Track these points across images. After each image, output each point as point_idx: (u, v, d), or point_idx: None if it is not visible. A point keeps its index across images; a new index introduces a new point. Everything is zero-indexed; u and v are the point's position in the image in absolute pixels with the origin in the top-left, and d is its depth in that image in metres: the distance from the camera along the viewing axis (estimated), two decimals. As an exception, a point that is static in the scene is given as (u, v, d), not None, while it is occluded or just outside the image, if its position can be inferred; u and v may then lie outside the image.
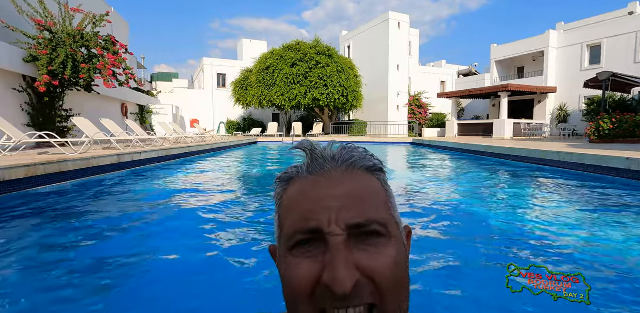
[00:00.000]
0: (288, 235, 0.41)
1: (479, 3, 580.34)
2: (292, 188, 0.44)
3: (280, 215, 0.44)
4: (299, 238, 0.39)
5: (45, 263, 2.27)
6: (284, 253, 0.41)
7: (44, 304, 1.74)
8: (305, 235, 0.39)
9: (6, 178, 3.97)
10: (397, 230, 0.42)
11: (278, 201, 0.46)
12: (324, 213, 0.39)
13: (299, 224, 0.40)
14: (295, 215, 0.41)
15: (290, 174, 0.46)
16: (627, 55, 16.34)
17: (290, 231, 0.40)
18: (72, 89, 8.83)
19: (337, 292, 0.34)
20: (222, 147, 12.54)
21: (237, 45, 29.99)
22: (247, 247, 2.60)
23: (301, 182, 0.43)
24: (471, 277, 2.09)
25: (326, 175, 0.42)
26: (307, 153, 0.45)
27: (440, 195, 4.65)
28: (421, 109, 24.10)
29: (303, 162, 0.46)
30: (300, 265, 0.38)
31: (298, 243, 0.40)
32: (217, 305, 1.80)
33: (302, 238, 0.39)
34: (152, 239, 2.79)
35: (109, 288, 1.95)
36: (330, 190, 0.41)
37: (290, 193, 0.44)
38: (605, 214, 3.44)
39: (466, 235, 2.88)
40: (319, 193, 0.41)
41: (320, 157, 0.44)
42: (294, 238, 0.40)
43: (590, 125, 11.20)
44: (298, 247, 0.40)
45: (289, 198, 0.43)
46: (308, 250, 0.39)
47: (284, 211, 0.43)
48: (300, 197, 0.42)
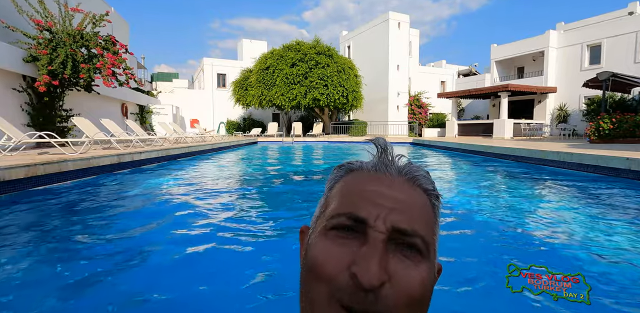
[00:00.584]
0: (332, 214, 0.40)
1: (479, 3, 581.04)
2: (351, 177, 0.44)
3: (327, 197, 0.45)
4: (341, 221, 0.39)
5: (45, 263, 2.27)
6: (319, 232, 0.41)
7: (44, 303, 1.74)
8: (348, 220, 0.39)
9: (6, 178, 3.97)
10: (434, 256, 0.41)
11: (331, 185, 0.46)
12: (375, 208, 0.39)
13: (347, 208, 0.40)
14: (347, 199, 0.41)
15: (353, 165, 0.46)
16: (627, 55, 16.34)
17: (335, 211, 0.40)
18: (72, 88, 8.83)
19: (364, 283, 0.34)
20: (222, 147, 12.54)
21: (237, 45, 30.00)
22: (248, 247, 2.60)
23: (362, 174, 0.44)
24: (471, 277, 2.09)
25: (389, 177, 0.43)
26: (378, 149, 0.46)
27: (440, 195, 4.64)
28: (421, 109, 24.10)
29: (370, 160, 0.46)
30: (333, 248, 0.38)
31: (338, 225, 0.39)
32: (218, 305, 1.80)
33: (345, 223, 0.39)
34: (152, 239, 2.79)
35: (108, 288, 1.95)
36: (388, 191, 0.41)
37: (347, 181, 0.44)
38: (605, 214, 3.44)
39: (466, 235, 2.88)
40: (377, 189, 0.41)
41: (389, 160, 0.45)
42: (336, 218, 0.39)
43: (590, 125, 11.20)
44: (337, 229, 0.39)
45: (346, 184, 0.43)
46: (345, 237, 0.38)
47: (335, 193, 0.43)
48: (358, 186, 0.42)
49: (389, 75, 22.45)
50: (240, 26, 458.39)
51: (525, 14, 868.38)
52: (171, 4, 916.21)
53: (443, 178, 6.20)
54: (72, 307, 1.74)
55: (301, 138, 19.95)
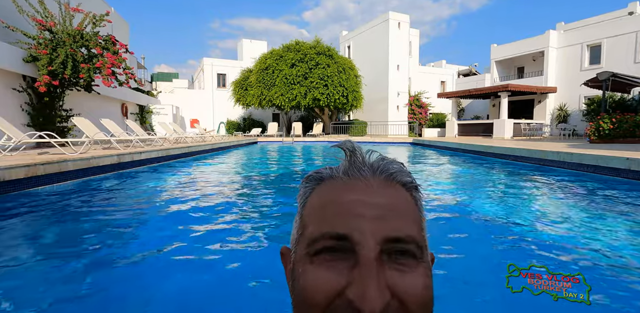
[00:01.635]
0: (312, 238, 0.36)
1: (479, 3, 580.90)
2: (323, 189, 0.40)
3: (302, 216, 0.40)
4: (324, 244, 0.35)
5: (44, 263, 2.27)
6: (301, 258, 0.37)
7: (43, 303, 1.74)
8: (331, 241, 0.35)
9: (6, 178, 3.97)
10: (427, 254, 0.39)
11: (303, 200, 0.41)
12: (358, 221, 0.35)
13: (326, 228, 0.36)
14: (324, 217, 0.37)
15: (322, 174, 0.42)
16: (627, 55, 16.34)
17: (314, 235, 0.36)
18: (72, 88, 8.83)
19: (364, 311, 0.31)
20: (222, 147, 12.54)
21: (237, 45, 30.00)
22: (248, 247, 2.60)
23: (335, 183, 0.40)
24: (471, 276, 2.09)
25: (364, 181, 0.39)
26: (346, 153, 0.41)
27: (440, 195, 4.64)
28: (421, 108, 24.10)
29: (339, 165, 0.42)
30: (321, 274, 0.34)
31: (322, 249, 0.35)
32: (218, 305, 1.80)
33: (328, 245, 0.35)
34: (152, 239, 2.79)
35: (108, 287, 1.95)
36: (367, 197, 0.37)
37: (320, 194, 0.40)
38: (605, 214, 3.44)
39: (465, 235, 2.88)
40: (354, 197, 0.37)
41: (360, 161, 0.41)
42: (317, 242, 0.36)
43: (590, 125, 11.20)
44: (321, 254, 0.35)
45: (319, 199, 0.39)
46: (332, 260, 0.35)
47: (309, 211, 0.39)
48: (332, 198, 0.38)
49: (389, 75, 22.45)
50: (240, 26, 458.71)
51: (525, 14, 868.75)
52: (171, 4, 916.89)
53: (443, 178, 6.20)
54: (71, 306, 1.74)
55: (301, 138, 19.95)
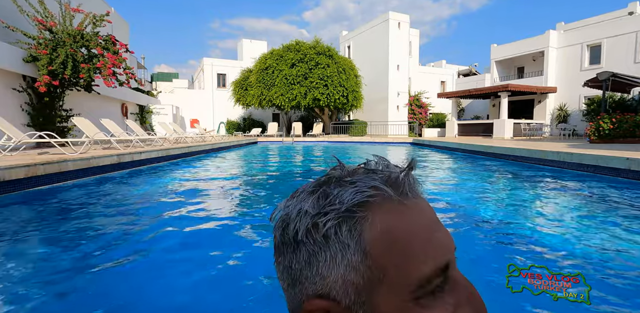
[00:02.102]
0: (418, 280, 0.31)
1: (480, 3, 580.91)
2: (389, 217, 0.33)
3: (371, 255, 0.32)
4: (437, 282, 0.31)
5: (44, 263, 2.27)
6: (399, 307, 0.31)
7: (42, 303, 1.74)
8: (440, 276, 0.32)
9: (6, 178, 3.97)
10: None
11: (357, 235, 0.32)
12: (446, 245, 0.33)
13: (431, 263, 0.31)
14: (422, 252, 0.31)
15: (379, 198, 0.33)
16: (627, 55, 16.34)
17: (421, 275, 0.31)
18: (72, 89, 8.83)
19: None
20: (222, 147, 12.54)
21: (237, 45, 30.00)
22: (248, 247, 2.60)
23: (398, 208, 0.33)
24: (470, 277, 2.09)
25: (420, 199, 0.36)
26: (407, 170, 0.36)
27: (440, 195, 4.64)
28: (421, 109, 24.10)
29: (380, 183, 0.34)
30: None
31: (434, 290, 0.31)
32: (217, 305, 1.80)
33: (440, 281, 0.32)
34: (152, 239, 2.79)
35: (107, 287, 1.95)
36: (432, 216, 0.35)
37: (390, 224, 0.32)
38: (605, 214, 3.44)
39: (465, 235, 2.88)
40: (431, 220, 0.34)
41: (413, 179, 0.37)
42: (431, 283, 0.31)
43: (590, 125, 11.20)
44: (432, 293, 0.31)
45: (396, 230, 0.32)
46: (439, 295, 0.32)
47: (390, 249, 0.32)
48: (414, 227, 0.33)
49: (389, 75, 22.45)
50: (240, 26, 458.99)
51: (525, 14, 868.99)
52: (171, 4, 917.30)
53: (443, 179, 6.20)
54: (71, 306, 1.74)
55: (301, 138, 19.95)
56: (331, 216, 0.33)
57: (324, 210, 0.33)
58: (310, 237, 0.33)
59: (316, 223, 0.33)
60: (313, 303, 0.33)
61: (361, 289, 0.32)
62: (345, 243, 0.32)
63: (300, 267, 0.34)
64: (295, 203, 0.36)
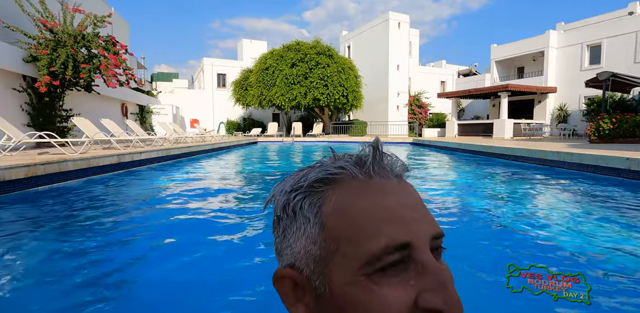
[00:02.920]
0: (371, 255, 0.31)
1: (480, 3, 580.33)
2: (348, 193, 0.34)
3: (326, 228, 0.33)
4: (389, 259, 0.31)
5: (44, 263, 2.27)
6: (350, 280, 0.31)
7: (41, 303, 1.74)
8: (396, 254, 0.31)
9: (6, 178, 3.97)
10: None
11: (316, 208, 0.34)
12: (412, 225, 0.32)
13: (385, 240, 0.31)
14: (373, 228, 0.32)
15: (341, 175, 0.35)
16: (627, 55, 16.34)
17: (374, 250, 0.31)
18: (72, 89, 8.83)
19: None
20: (222, 147, 12.54)
21: (237, 45, 30.00)
22: (248, 247, 2.60)
23: (361, 185, 0.34)
24: (470, 276, 2.09)
25: (392, 181, 0.36)
26: (372, 150, 0.37)
27: (440, 195, 4.64)
28: (421, 109, 24.10)
29: (343, 162, 0.37)
30: (391, 292, 0.30)
31: (386, 265, 0.31)
32: (217, 302, 1.80)
33: (394, 259, 0.31)
34: (151, 239, 2.79)
35: (107, 287, 1.95)
36: (404, 198, 0.35)
37: (347, 199, 0.34)
38: (605, 214, 3.44)
39: (465, 235, 2.88)
40: (396, 201, 0.34)
41: (380, 159, 0.37)
42: (381, 259, 0.30)
43: (590, 125, 11.20)
44: (384, 270, 0.31)
45: (349, 205, 0.33)
46: (395, 274, 0.31)
47: (339, 222, 0.33)
48: (372, 204, 0.33)
49: (389, 75, 22.45)
50: (240, 26, 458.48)
51: (525, 14, 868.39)
52: (171, 4, 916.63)
53: (443, 178, 6.20)
54: (70, 305, 1.74)
55: (301, 138, 19.95)
56: (298, 192, 0.36)
57: (295, 187, 0.37)
58: (285, 213, 0.37)
59: (288, 200, 0.37)
60: (281, 271, 0.36)
61: (318, 260, 0.33)
62: (307, 217, 0.35)
63: (280, 240, 0.38)
64: (282, 185, 0.39)
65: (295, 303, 0.35)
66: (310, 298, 0.34)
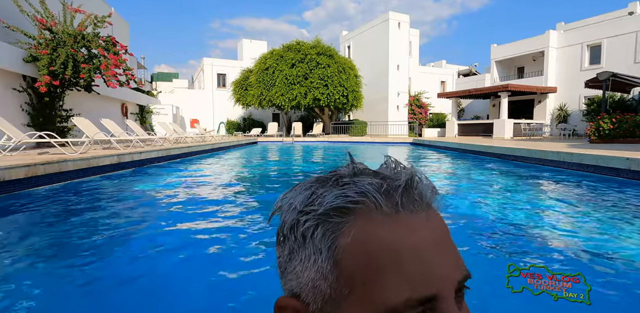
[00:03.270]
0: (385, 307, 0.27)
1: (480, 3, 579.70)
2: (369, 228, 0.29)
3: (342, 266, 0.29)
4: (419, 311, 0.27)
5: (44, 263, 2.27)
6: None
7: (41, 302, 1.74)
8: (417, 308, 0.27)
9: (6, 178, 3.97)
10: None
11: (330, 241, 0.30)
12: (441, 271, 0.29)
13: (406, 293, 0.27)
14: (395, 275, 0.28)
15: (363, 205, 0.30)
16: (627, 55, 16.34)
17: (388, 302, 0.27)
18: (72, 89, 8.83)
19: None
20: (222, 147, 12.54)
21: (237, 45, 30.00)
22: (247, 247, 2.59)
23: (385, 221, 0.30)
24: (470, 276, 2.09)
25: (419, 215, 0.31)
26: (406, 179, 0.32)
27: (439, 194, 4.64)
28: (421, 109, 24.10)
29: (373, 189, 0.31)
30: None
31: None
32: (216, 305, 1.80)
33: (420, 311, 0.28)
34: (151, 239, 2.79)
35: (107, 287, 1.94)
36: (434, 237, 0.31)
37: (369, 236, 0.29)
38: (605, 214, 3.44)
39: (465, 235, 2.88)
40: (426, 241, 0.30)
41: (413, 188, 0.32)
42: (409, 311, 0.27)
43: (590, 125, 11.20)
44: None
45: (370, 243, 0.29)
46: None
47: (358, 261, 0.29)
48: (398, 245, 0.29)
49: (389, 75, 22.45)
50: (240, 26, 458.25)
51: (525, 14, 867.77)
52: (171, 4, 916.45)
53: (443, 178, 6.20)
54: (70, 305, 1.74)
55: (301, 138, 19.95)
56: (309, 216, 0.31)
57: (306, 209, 0.32)
58: (293, 234, 0.32)
59: (298, 221, 0.32)
60: (284, 300, 0.33)
61: (327, 299, 0.30)
62: (318, 248, 0.30)
63: (284, 260, 0.34)
64: (290, 197, 0.35)
65: None
66: None
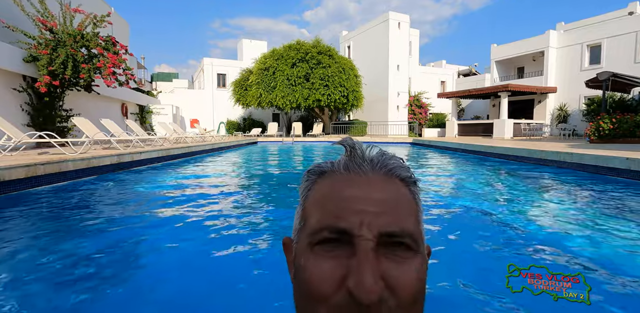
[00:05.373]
0: (313, 229, 0.38)
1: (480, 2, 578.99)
2: (324, 182, 0.42)
3: (304, 208, 0.42)
4: (325, 235, 0.37)
5: (44, 263, 2.27)
6: (303, 248, 0.39)
7: (41, 302, 1.74)
8: (332, 234, 0.36)
9: (6, 178, 3.97)
10: (423, 246, 0.40)
11: (305, 193, 0.43)
12: (357, 215, 0.37)
13: (327, 220, 0.37)
14: (325, 210, 0.38)
15: (323, 168, 0.43)
16: (627, 55, 16.34)
17: (316, 226, 0.38)
18: (72, 89, 8.83)
19: (362, 300, 0.32)
20: (222, 147, 12.54)
21: (237, 45, 30.01)
22: (247, 247, 2.59)
23: (335, 177, 0.41)
24: (470, 276, 2.09)
25: (364, 176, 0.40)
26: (346, 149, 0.43)
27: (440, 195, 4.64)
28: (421, 109, 24.10)
29: (339, 159, 0.43)
30: (323, 263, 0.36)
31: (323, 240, 0.37)
32: (219, 300, 1.80)
33: (329, 237, 0.37)
34: (151, 239, 2.79)
35: (107, 287, 1.94)
36: (366, 192, 0.39)
37: (321, 187, 0.41)
38: (605, 214, 3.44)
39: (466, 235, 2.88)
40: (355, 193, 0.38)
41: (360, 157, 0.42)
42: (319, 234, 0.37)
43: (590, 125, 11.20)
44: (322, 244, 0.37)
45: (320, 192, 0.41)
46: (332, 250, 0.36)
47: (311, 204, 0.41)
48: (333, 192, 0.39)
49: (389, 75, 22.45)
50: (240, 26, 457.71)
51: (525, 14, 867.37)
52: (171, 4, 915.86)
53: (443, 178, 6.20)
54: (70, 305, 1.74)
55: (301, 138, 19.95)
56: (304, 179, 0.45)
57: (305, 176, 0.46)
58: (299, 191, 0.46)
59: (300, 183, 0.46)
60: (285, 239, 0.48)
61: (296, 232, 0.43)
62: (302, 195, 0.44)
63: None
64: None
65: (289, 263, 0.45)
66: (290, 261, 0.45)
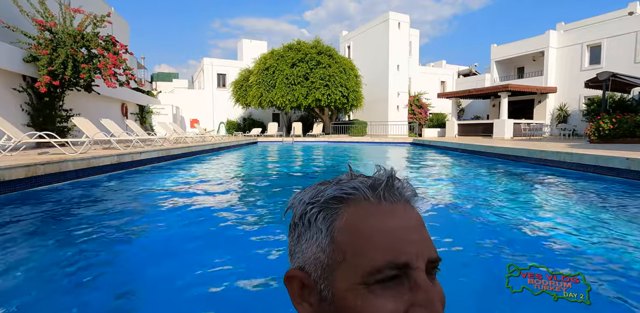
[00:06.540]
0: (374, 268, 0.36)
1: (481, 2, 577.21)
2: (358, 212, 0.39)
3: (336, 240, 0.38)
4: (388, 273, 0.36)
5: (44, 263, 2.27)
6: (353, 288, 0.36)
7: (41, 303, 1.74)
8: (393, 270, 0.36)
9: (6, 178, 3.97)
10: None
11: (329, 223, 0.40)
12: (412, 247, 0.37)
13: (387, 256, 0.36)
14: (379, 244, 0.37)
15: (354, 196, 0.40)
16: (627, 55, 16.33)
17: (377, 264, 0.36)
18: (72, 89, 8.83)
19: None
20: (222, 147, 12.54)
21: (237, 45, 30.00)
22: (247, 246, 2.60)
23: (370, 207, 0.39)
24: (470, 276, 2.09)
25: (397, 205, 0.40)
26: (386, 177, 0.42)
27: (440, 195, 4.64)
28: (421, 109, 24.10)
29: (355, 185, 0.41)
30: (386, 303, 0.35)
31: (384, 279, 0.36)
32: (219, 305, 1.80)
33: (393, 274, 0.36)
34: (151, 239, 2.79)
35: (108, 287, 1.95)
36: (406, 221, 0.39)
37: (358, 218, 0.39)
38: (605, 214, 3.44)
39: (466, 235, 2.88)
40: (398, 223, 0.38)
41: (390, 185, 0.41)
42: (382, 272, 0.35)
43: (590, 125, 11.20)
44: (382, 283, 0.36)
45: (359, 224, 0.38)
46: (392, 287, 0.36)
47: (350, 237, 0.38)
48: (377, 224, 0.38)
49: (389, 75, 22.45)
50: (240, 26, 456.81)
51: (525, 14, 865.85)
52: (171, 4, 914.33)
53: (443, 178, 6.20)
54: (70, 305, 1.74)
55: (301, 138, 19.95)
56: (315, 205, 0.41)
57: (312, 201, 0.42)
58: (301, 221, 0.42)
59: (305, 210, 0.42)
60: (292, 271, 0.42)
61: (325, 267, 0.39)
62: (319, 228, 0.40)
63: (294, 244, 0.43)
64: (300, 195, 0.45)
65: (302, 302, 0.41)
66: (315, 299, 0.40)
